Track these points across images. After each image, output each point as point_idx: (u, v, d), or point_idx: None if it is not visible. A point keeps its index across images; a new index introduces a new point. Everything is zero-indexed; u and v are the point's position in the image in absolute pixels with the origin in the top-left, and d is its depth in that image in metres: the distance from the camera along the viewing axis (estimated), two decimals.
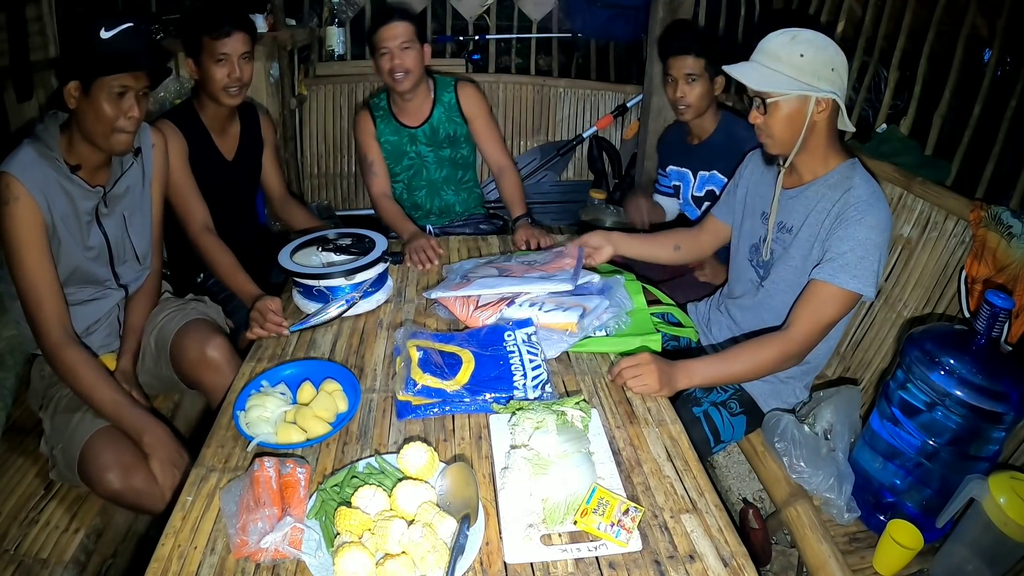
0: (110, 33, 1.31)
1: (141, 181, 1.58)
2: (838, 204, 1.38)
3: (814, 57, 1.32)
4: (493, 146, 2.27)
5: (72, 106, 1.35)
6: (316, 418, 1.20)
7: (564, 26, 3.50)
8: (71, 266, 1.45)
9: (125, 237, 1.55)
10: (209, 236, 1.76)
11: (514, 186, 2.24)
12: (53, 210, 1.38)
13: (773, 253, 1.53)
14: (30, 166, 1.35)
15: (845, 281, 1.34)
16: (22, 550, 1.31)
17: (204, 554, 0.97)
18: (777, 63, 1.34)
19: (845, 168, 1.42)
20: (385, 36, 2.04)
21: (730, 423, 1.57)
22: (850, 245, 1.34)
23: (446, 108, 2.21)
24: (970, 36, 2.05)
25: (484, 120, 2.24)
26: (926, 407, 1.29)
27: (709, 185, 2.14)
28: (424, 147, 2.24)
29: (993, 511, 1.18)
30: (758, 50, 1.39)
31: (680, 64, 2.02)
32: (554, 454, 1.06)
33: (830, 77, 1.33)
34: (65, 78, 1.34)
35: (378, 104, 2.24)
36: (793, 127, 1.37)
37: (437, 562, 0.91)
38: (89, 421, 1.40)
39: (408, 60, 2.05)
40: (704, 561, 0.97)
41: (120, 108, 1.35)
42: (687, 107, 2.05)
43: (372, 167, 2.21)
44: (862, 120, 2.38)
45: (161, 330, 1.62)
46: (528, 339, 1.40)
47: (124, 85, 1.34)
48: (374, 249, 1.62)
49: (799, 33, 1.35)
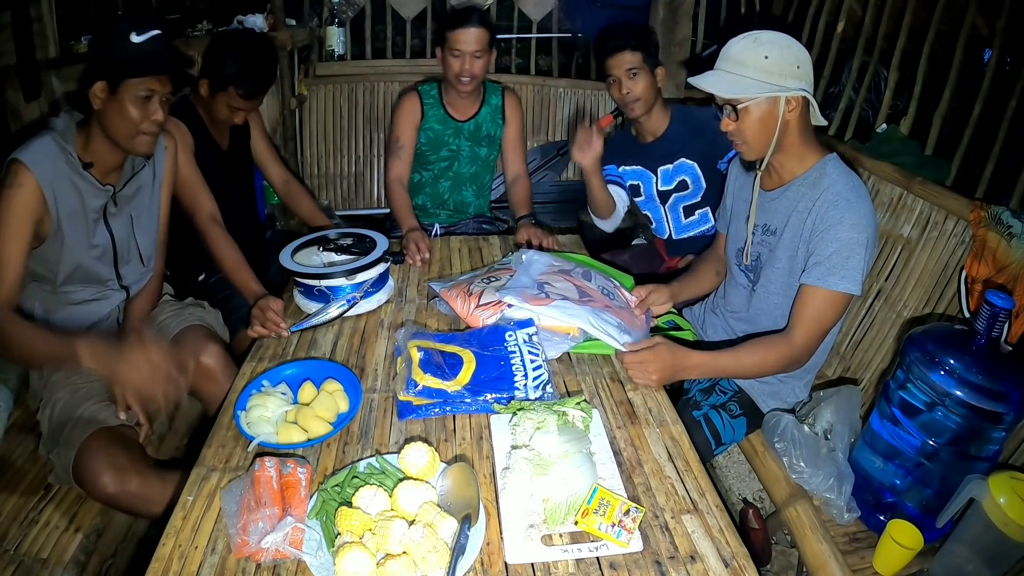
0: (141, 38, 1.35)
1: (151, 183, 1.59)
2: (817, 203, 1.39)
3: (779, 57, 1.32)
4: (516, 154, 2.36)
5: (97, 107, 1.37)
6: (317, 418, 1.20)
7: (564, 26, 3.50)
8: (74, 263, 1.45)
9: (131, 237, 1.55)
10: (216, 228, 1.76)
11: (524, 192, 2.32)
12: (60, 204, 1.39)
13: (760, 257, 1.54)
14: (44, 157, 1.36)
15: (835, 283, 1.35)
16: (22, 550, 1.31)
17: (205, 554, 0.97)
18: (742, 68, 1.34)
19: (821, 165, 1.42)
20: (462, 39, 2.06)
21: (730, 425, 1.57)
22: (835, 247, 1.35)
23: (492, 109, 2.29)
24: (970, 36, 2.05)
25: (517, 128, 2.34)
26: (926, 407, 1.29)
27: (677, 176, 2.11)
28: (465, 141, 2.30)
29: (993, 511, 1.18)
30: (721, 57, 1.39)
31: (618, 62, 2.00)
32: (555, 454, 1.06)
33: (797, 74, 1.33)
34: (91, 79, 1.36)
35: (429, 92, 2.27)
36: (766, 129, 1.37)
37: (438, 562, 0.91)
38: (84, 425, 1.40)
39: (478, 67, 2.10)
40: (705, 562, 0.97)
41: (145, 111, 1.37)
42: (636, 101, 2.02)
43: (401, 151, 2.25)
44: (862, 120, 2.38)
45: (158, 334, 1.62)
46: (529, 339, 1.40)
47: (151, 89, 1.37)
48: (375, 249, 1.62)
49: (760, 35, 1.35)
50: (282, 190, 2.26)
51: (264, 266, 1.99)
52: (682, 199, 2.14)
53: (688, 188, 2.11)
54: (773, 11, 3.01)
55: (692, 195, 2.12)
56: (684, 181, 2.11)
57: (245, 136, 2.15)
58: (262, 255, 2.05)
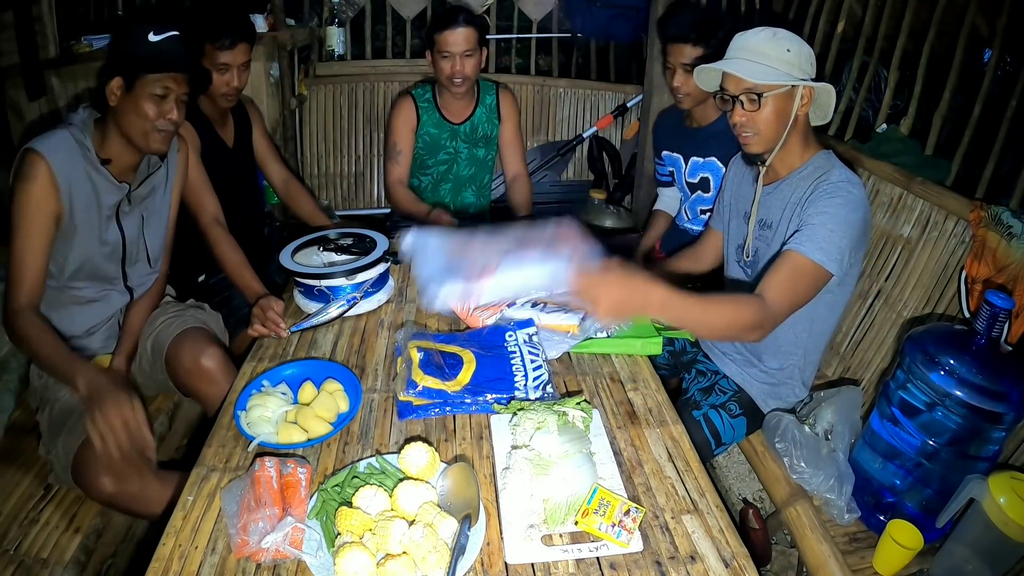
0: (159, 37, 1.37)
1: (164, 184, 1.60)
2: (809, 191, 1.40)
3: (798, 51, 1.37)
4: (514, 153, 2.34)
5: (113, 103, 1.38)
6: (317, 418, 1.20)
7: (564, 26, 3.50)
8: (82, 257, 1.45)
9: (140, 237, 1.56)
10: (220, 229, 1.77)
11: (525, 193, 2.32)
12: (75, 198, 1.39)
13: (759, 251, 1.54)
14: (61, 149, 1.37)
15: (811, 251, 1.32)
16: (22, 550, 1.31)
17: (205, 554, 0.97)
18: (765, 58, 1.37)
19: (818, 159, 1.45)
20: (450, 40, 2.04)
21: (730, 425, 1.57)
22: (819, 219, 1.34)
23: (487, 109, 2.28)
24: (970, 36, 2.04)
25: (513, 125, 2.31)
26: (926, 407, 1.29)
27: (703, 172, 2.09)
28: (462, 143, 2.29)
29: (993, 511, 1.18)
30: (739, 47, 1.40)
31: (677, 52, 1.96)
32: (555, 454, 1.06)
33: (810, 72, 1.39)
34: (108, 75, 1.37)
35: (423, 95, 2.26)
36: (780, 121, 1.40)
37: (438, 562, 0.91)
38: (83, 426, 1.40)
39: (469, 67, 2.08)
40: (705, 562, 0.97)
41: (161, 109, 1.38)
42: (685, 96, 2.01)
43: (399, 156, 2.25)
44: (862, 120, 2.38)
45: (158, 336, 1.62)
46: (529, 339, 1.40)
47: (167, 87, 1.37)
48: (375, 249, 1.62)
49: (776, 31, 1.39)
50: (282, 189, 2.26)
51: (267, 264, 1.99)
52: (701, 200, 2.13)
53: (709, 191, 2.09)
54: (773, 11, 3.00)
55: (709, 200, 2.10)
56: (707, 180, 2.09)
57: (249, 133, 2.15)
58: (266, 252, 2.06)
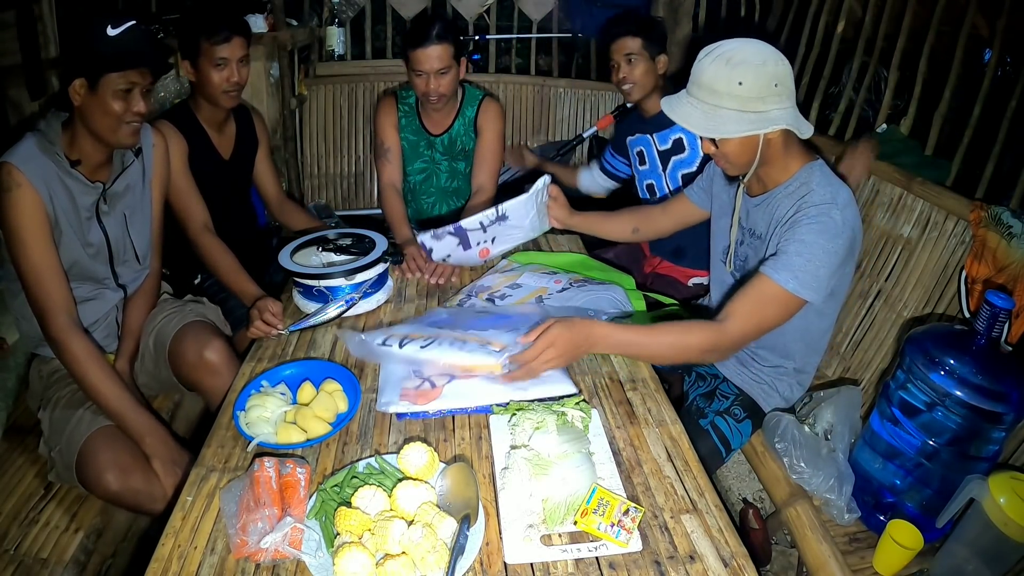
0: (117, 31, 1.32)
1: (141, 180, 1.58)
2: (792, 209, 1.34)
3: (754, 80, 1.23)
4: (483, 166, 2.18)
5: (77, 103, 1.35)
6: (316, 418, 1.20)
7: (564, 26, 3.49)
8: (70, 260, 1.45)
9: (125, 236, 1.55)
10: (209, 236, 1.76)
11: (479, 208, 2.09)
12: (55, 202, 1.38)
13: (748, 258, 1.52)
14: (31, 157, 1.35)
15: (785, 280, 1.27)
16: (22, 550, 1.31)
17: (204, 554, 0.97)
18: (716, 97, 1.25)
19: (803, 174, 1.37)
20: (421, 59, 1.93)
21: (737, 430, 1.56)
22: (796, 247, 1.28)
23: (465, 123, 2.18)
24: (970, 36, 2.05)
25: (491, 138, 2.17)
26: (926, 407, 1.29)
27: (673, 134, 2.08)
28: (440, 155, 2.22)
29: (993, 511, 1.18)
30: (693, 82, 1.30)
31: (619, 47, 2.03)
32: (554, 454, 1.06)
33: (776, 93, 1.24)
34: (69, 76, 1.34)
35: (405, 99, 2.18)
36: (749, 150, 1.31)
37: (437, 562, 0.91)
38: (87, 422, 1.40)
39: (444, 85, 1.98)
40: (704, 561, 0.97)
41: (127, 104, 1.36)
42: (632, 85, 2.04)
43: (387, 153, 2.17)
44: (862, 120, 2.38)
45: (159, 332, 1.62)
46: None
47: (131, 82, 1.35)
48: (374, 249, 1.62)
49: (732, 55, 1.24)
50: (276, 209, 2.19)
51: (264, 267, 1.98)
52: (680, 164, 2.10)
53: (685, 150, 2.08)
54: (773, 11, 3.00)
55: (689, 160, 2.08)
56: (680, 140, 2.08)
57: (252, 148, 2.09)
58: (262, 260, 2.03)
